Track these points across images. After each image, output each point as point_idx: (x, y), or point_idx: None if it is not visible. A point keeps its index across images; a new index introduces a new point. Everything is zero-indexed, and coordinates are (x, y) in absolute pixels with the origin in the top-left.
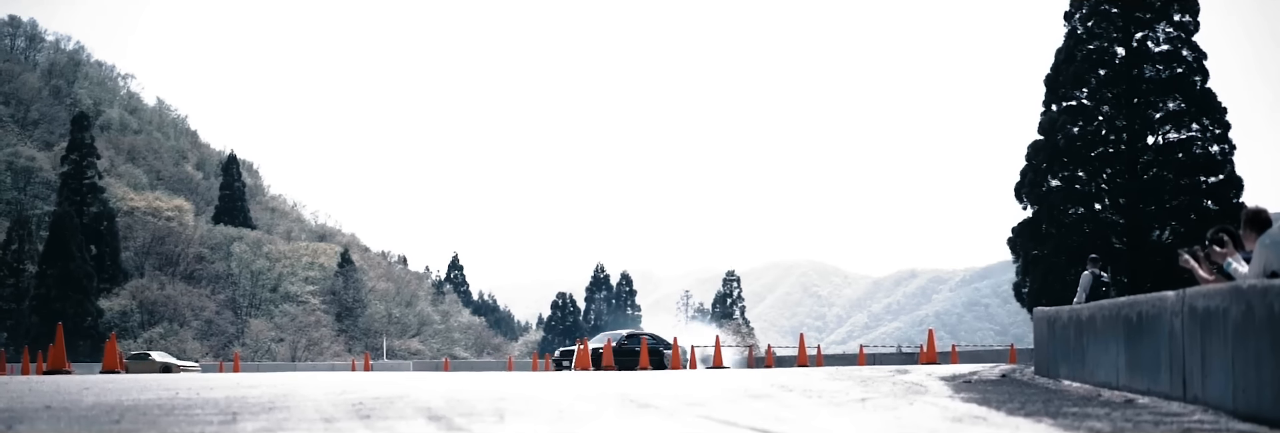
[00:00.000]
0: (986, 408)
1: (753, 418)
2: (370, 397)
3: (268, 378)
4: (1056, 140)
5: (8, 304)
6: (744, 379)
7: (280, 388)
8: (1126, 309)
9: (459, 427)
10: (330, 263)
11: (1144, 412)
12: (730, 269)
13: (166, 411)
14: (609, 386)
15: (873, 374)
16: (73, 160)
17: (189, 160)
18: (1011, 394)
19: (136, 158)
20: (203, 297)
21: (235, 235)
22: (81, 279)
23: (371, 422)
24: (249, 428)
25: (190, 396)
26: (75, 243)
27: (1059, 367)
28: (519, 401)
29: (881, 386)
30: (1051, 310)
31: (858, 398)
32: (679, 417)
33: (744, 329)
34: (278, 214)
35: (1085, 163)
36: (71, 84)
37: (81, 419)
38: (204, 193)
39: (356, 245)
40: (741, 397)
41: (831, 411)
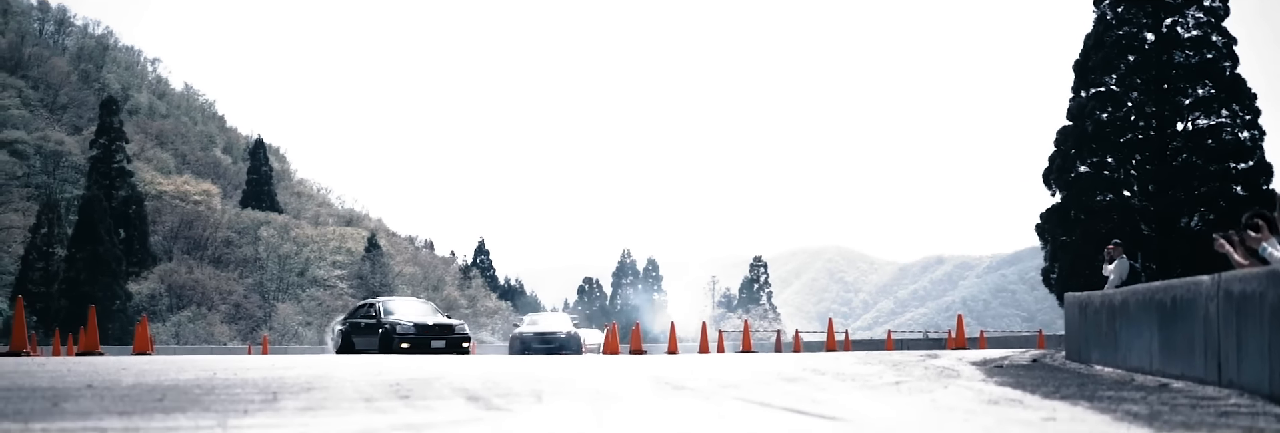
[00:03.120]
0: (1021, 391)
1: (788, 400)
2: (406, 378)
3: (302, 360)
4: (1085, 126)
5: (38, 287)
6: (775, 363)
7: (316, 370)
8: (1160, 294)
9: (499, 407)
10: (357, 247)
11: (1179, 396)
12: (757, 255)
13: (207, 390)
14: (641, 369)
15: (903, 359)
16: (102, 144)
17: (217, 145)
18: (1045, 378)
19: (164, 142)
20: (231, 281)
21: (263, 220)
22: (110, 263)
23: (412, 402)
24: (291, 406)
25: (228, 376)
26: (104, 227)
27: (1091, 352)
28: (555, 382)
29: (913, 370)
30: (1083, 295)
31: (891, 381)
32: (714, 399)
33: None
34: (305, 199)
35: (1114, 149)
36: (100, 69)
37: (124, 398)
38: (231, 177)
39: (383, 230)
40: (775, 380)
41: (866, 393)
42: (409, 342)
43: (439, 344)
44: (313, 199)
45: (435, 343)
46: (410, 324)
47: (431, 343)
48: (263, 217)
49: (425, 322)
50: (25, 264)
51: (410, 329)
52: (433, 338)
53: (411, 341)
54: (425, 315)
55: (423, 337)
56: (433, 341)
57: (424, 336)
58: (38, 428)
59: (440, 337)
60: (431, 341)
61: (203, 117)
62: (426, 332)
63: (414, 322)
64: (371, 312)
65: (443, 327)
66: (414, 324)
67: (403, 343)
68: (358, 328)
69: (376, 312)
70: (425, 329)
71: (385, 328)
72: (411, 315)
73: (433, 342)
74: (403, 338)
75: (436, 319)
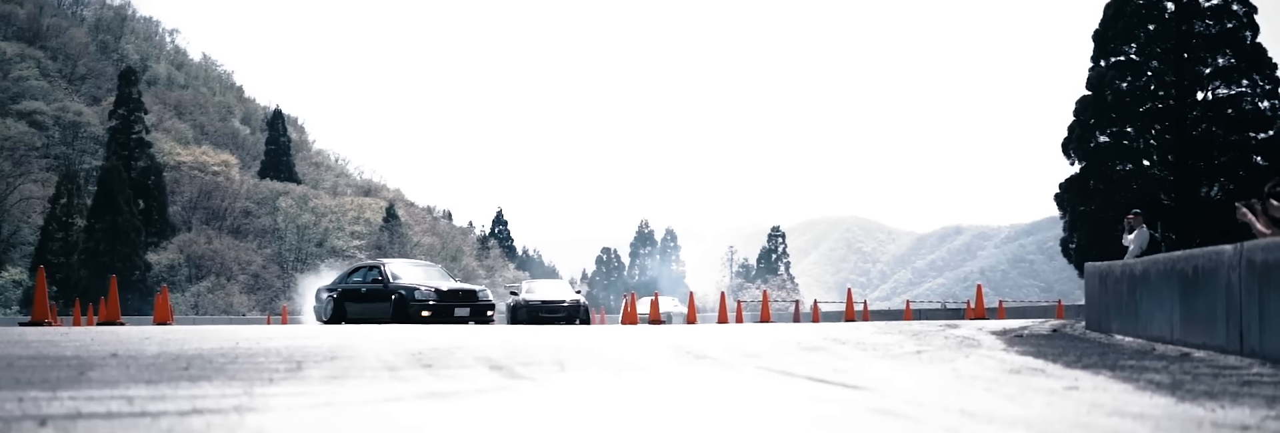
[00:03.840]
0: (1043, 361)
1: (809, 369)
2: (428, 348)
3: (323, 329)
4: (1105, 96)
5: (57, 258)
6: (795, 333)
7: (338, 339)
8: (1182, 263)
9: (521, 375)
10: (376, 218)
11: (1201, 365)
12: (775, 225)
13: (231, 359)
14: (662, 338)
15: (923, 329)
16: (120, 115)
17: (235, 115)
18: (1065, 348)
19: (183, 113)
20: (249, 251)
21: (281, 190)
22: (130, 233)
23: (435, 370)
24: (316, 375)
25: (251, 345)
26: (123, 197)
27: (1111, 321)
28: (576, 352)
29: (934, 339)
30: (1103, 265)
31: (912, 351)
32: (736, 368)
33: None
34: (323, 169)
35: (1134, 119)
36: (118, 39)
37: (150, 367)
38: (249, 148)
39: (401, 200)
40: (795, 349)
41: (888, 363)
42: (429, 309)
43: (462, 312)
44: (331, 170)
45: (459, 311)
46: (430, 290)
47: (454, 311)
48: (281, 187)
49: (443, 287)
50: (45, 235)
51: (430, 295)
52: (456, 305)
53: (432, 308)
54: (437, 279)
55: (445, 304)
56: (456, 308)
57: (446, 302)
58: (66, 396)
59: (464, 304)
60: (454, 308)
61: (221, 87)
62: (449, 298)
63: (434, 287)
64: (376, 276)
65: (466, 293)
66: (435, 290)
67: (422, 311)
68: (357, 294)
69: (383, 276)
70: (447, 295)
71: (399, 294)
72: (425, 280)
73: (456, 309)
74: (422, 305)
75: (452, 284)
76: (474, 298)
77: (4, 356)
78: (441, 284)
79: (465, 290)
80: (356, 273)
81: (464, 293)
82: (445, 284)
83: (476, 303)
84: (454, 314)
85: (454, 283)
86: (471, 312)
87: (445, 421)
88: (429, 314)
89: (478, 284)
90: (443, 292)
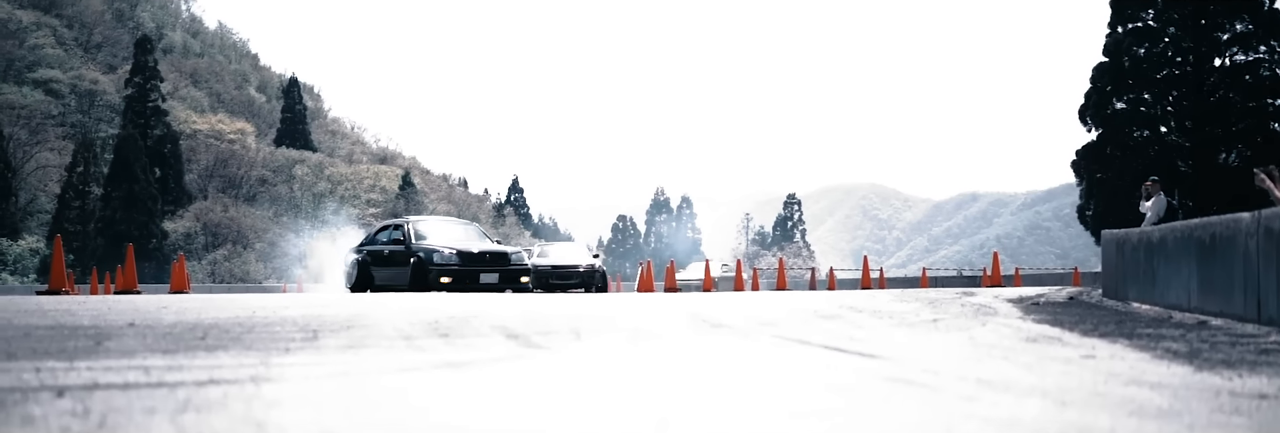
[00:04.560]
0: (1060, 329)
1: (826, 338)
2: (445, 316)
3: (342, 298)
4: (1122, 62)
5: (74, 226)
6: (812, 301)
7: (354, 308)
8: (1199, 231)
9: (538, 345)
10: (391, 186)
11: (1219, 333)
12: (791, 192)
13: (248, 328)
14: (678, 306)
15: (939, 296)
16: (136, 83)
17: (251, 83)
18: (1082, 316)
19: (199, 81)
20: (265, 219)
21: (297, 158)
22: (146, 201)
23: (451, 340)
24: (332, 345)
25: (268, 314)
26: (139, 165)
27: (1128, 289)
28: (593, 320)
29: (950, 307)
30: (1120, 233)
31: (929, 319)
32: (753, 336)
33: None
34: (339, 137)
35: (1151, 85)
36: (134, 7)
37: (166, 336)
38: (265, 116)
39: (417, 168)
40: (812, 317)
41: (904, 331)
42: (450, 275)
43: (490, 278)
44: (347, 138)
45: (485, 277)
46: (450, 252)
47: (480, 276)
48: (297, 155)
49: (470, 248)
50: (62, 203)
51: (451, 259)
52: (482, 270)
53: (453, 273)
54: (468, 240)
55: (469, 268)
56: (482, 273)
57: (471, 266)
58: (83, 366)
59: (491, 268)
60: (480, 273)
61: (237, 55)
62: (473, 261)
63: (456, 249)
64: (398, 236)
65: (494, 255)
66: (456, 252)
67: (442, 276)
68: (380, 257)
69: (405, 236)
70: (471, 258)
71: (417, 257)
72: (450, 240)
73: (482, 275)
74: (442, 270)
75: (484, 245)
76: (504, 261)
77: (21, 325)
78: (468, 245)
79: (494, 253)
80: (383, 232)
81: (492, 256)
82: (474, 245)
83: (508, 267)
84: (480, 280)
85: (485, 244)
86: (502, 277)
87: (461, 390)
88: (449, 281)
89: (512, 246)
90: (467, 254)
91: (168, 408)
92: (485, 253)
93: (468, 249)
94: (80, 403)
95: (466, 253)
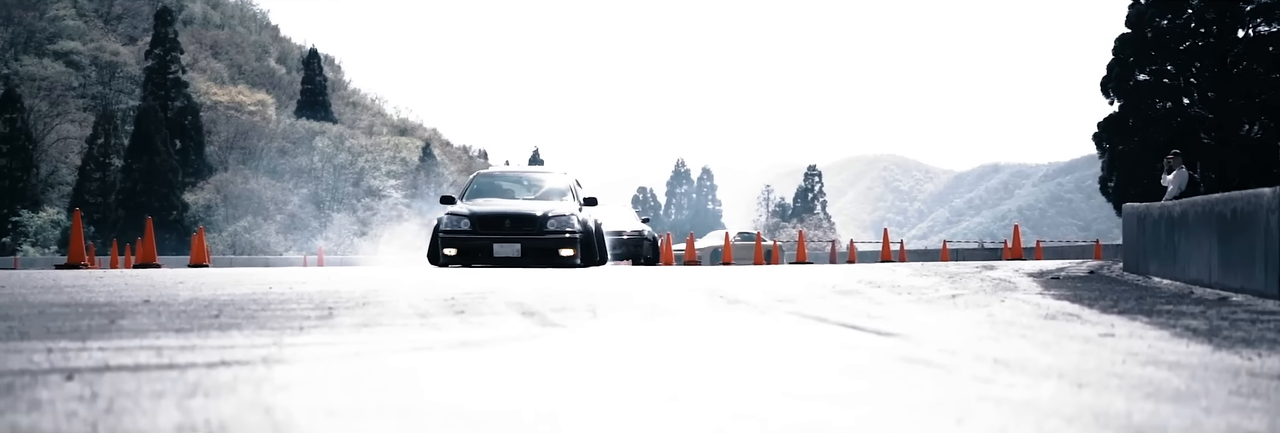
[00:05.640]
0: (1079, 306)
1: (842, 315)
2: (461, 292)
3: (356, 273)
4: (1145, 33)
5: (95, 198)
6: (831, 275)
7: (370, 283)
8: (1220, 206)
9: (553, 322)
10: (412, 157)
11: (1239, 310)
12: (811, 164)
13: (263, 305)
14: (697, 281)
15: (959, 270)
16: (156, 55)
17: (271, 55)
18: (1102, 291)
19: (219, 53)
20: (286, 191)
21: (317, 130)
22: (166, 173)
23: (466, 317)
24: (347, 323)
25: (284, 290)
26: (160, 137)
27: (1149, 263)
28: (609, 297)
29: (970, 282)
30: (1141, 207)
31: (947, 295)
32: (770, 313)
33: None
34: (359, 109)
35: (1174, 57)
36: None
37: (181, 314)
38: (286, 87)
39: (437, 140)
40: (830, 293)
41: (923, 308)
42: (456, 245)
43: (508, 250)
44: (367, 109)
45: (502, 248)
46: (460, 216)
47: (494, 248)
48: (317, 127)
49: (490, 208)
50: (82, 175)
51: (459, 225)
52: (496, 239)
53: (461, 243)
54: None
55: (480, 237)
56: (496, 243)
57: (484, 234)
58: (95, 347)
59: (511, 237)
60: (494, 243)
61: (256, 26)
62: (490, 227)
63: (487, 210)
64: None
65: (518, 219)
66: (469, 214)
67: (447, 247)
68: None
69: (467, 190)
70: (487, 222)
71: (438, 222)
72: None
73: (496, 246)
74: (449, 238)
75: (509, 205)
76: (532, 227)
77: (37, 303)
78: (509, 206)
79: (517, 215)
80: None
81: (514, 220)
82: (518, 206)
83: (539, 235)
84: (494, 254)
85: (520, 203)
86: (527, 250)
87: (473, 371)
88: (455, 253)
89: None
90: (482, 217)
91: (176, 392)
92: (505, 215)
93: (485, 210)
94: (89, 387)
95: (487, 215)
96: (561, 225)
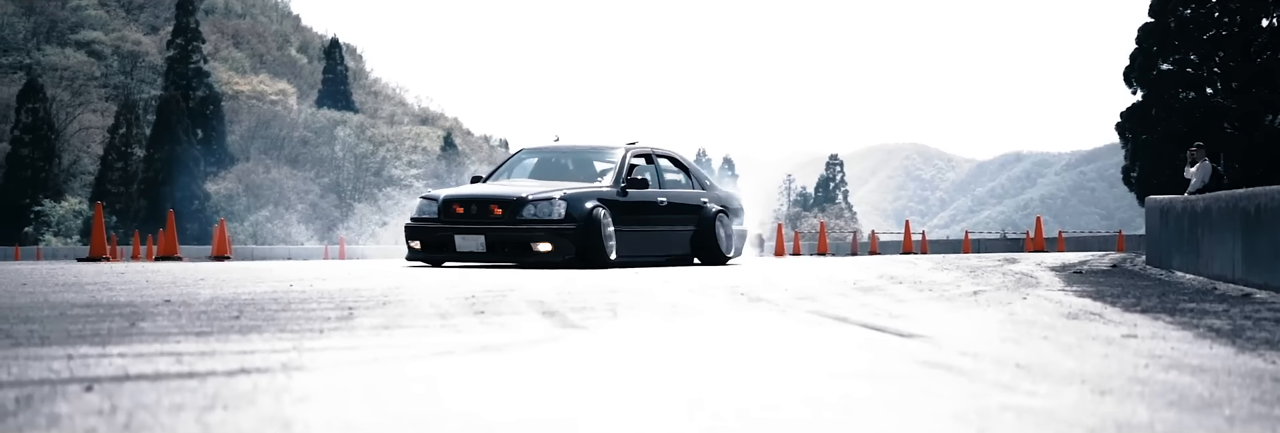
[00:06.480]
0: (1101, 303)
1: (864, 313)
2: (481, 290)
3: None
4: (1168, 23)
5: (117, 187)
6: (852, 269)
7: (391, 280)
8: (1244, 201)
9: (573, 323)
10: (433, 147)
11: (1263, 308)
12: (833, 153)
13: (283, 305)
14: (719, 278)
15: (981, 264)
16: (178, 45)
17: (292, 44)
18: (1125, 287)
19: (240, 42)
20: (307, 180)
21: (339, 119)
22: (188, 163)
23: (486, 317)
24: (366, 324)
25: (304, 288)
26: (182, 127)
27: (1172, 258)
28: (630, 294)
29: (991, 277)
30: (1164, 200)
31: (969, 291)
32: (790, 312)
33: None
34: (380, 98)
35: (1197, 46)
36: None
37: (201, 315)
38: (307, 77)
39: (459, 129)
40: (851, 290)
41: (944, 306)
42: (422, 237)
43: (471, 244)
44: (388, 99)
45: (465, 241)
46: (434, 200)
47: (456, 241)
48: (338, 116)
49: (472, 193)
50: (104, 164)
51: (427, 213)
52: (460, 229)
53: (426, 234)
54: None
55: (445, 228)
56: (458, 234)
57: (450, 222)
58: (115, 353)
59: (477, 227)
60: (455, 235)
61: (278, 16)
62: (457, 214)
63: (458, 194)
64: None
65: (488, 203)
66: (448, 199)
67: (413, 239)
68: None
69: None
70: (456, 210)
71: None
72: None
73: (458, 238)
74: (415, 229)
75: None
76: (503, 214)
77: (58, 303)
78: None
79: (486, 199)
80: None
81: (481, 206)
82: (489, 188)
83: (510, 225)
84: (457, 248)
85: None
86: (490, 244)
87: (493, 378)
88: (419, 246)
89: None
90: (449, 202)
91: (196, 405)
92: (472, 200)
93: (457, 194)
94: (108, 399)
95: (448, 200)
96: (540, 213)
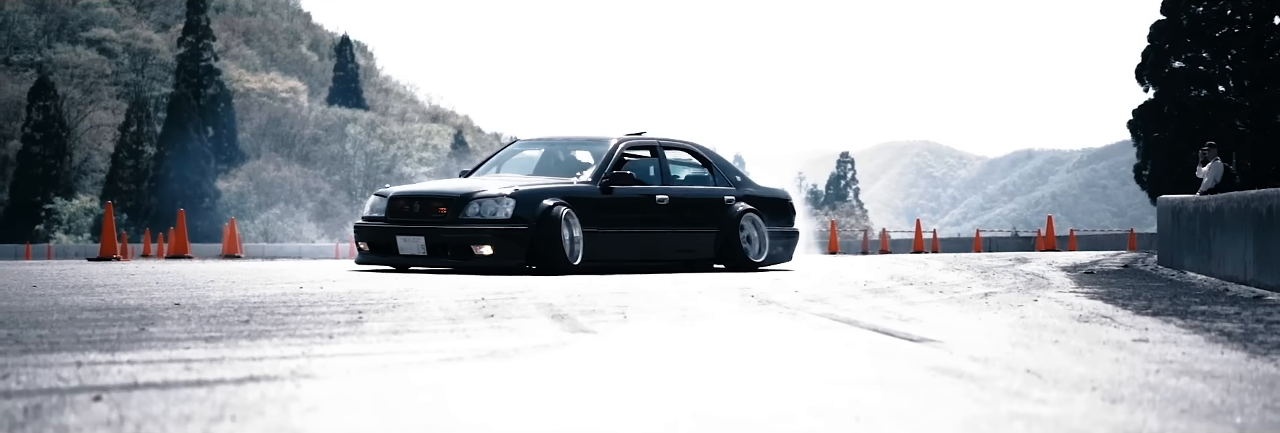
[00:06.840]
0: (1112, 306)
1: (874, 316)
2: (491, 292)
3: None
4: (1180, 20)
5: (128, 185)
6: (863, 270)
7: (401, 283)
8: (1256, 203)
9: (583, 328)
10: (444, 144)
11: (1275, 311)
12: (844, 150)
13: (293, 308)
14: (729, 278)
15: (992, 264)
16: (189, 42)
17: (303, 42)
18: (1136, 289)
19: (251, 40)
20: (318, 178)
21: (349, 117)
22: (199, 161)
23: (496, 321)
24: (376, 329)
25: (314, 291)
26: (193, 124)
27: (1183, 258)
28: (640, 297)
29: (1002, 278)
30: (1176, 200)
31: (980, 293)
32: (800, 316)
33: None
34: (391, 96)
35: (1209, 44)
36: None
37: (211, 319)
38: (318, 75)
39: (470, 127)
40: (862, 292)
41: (955, 308)
42: (368, 238)
43: (412, 246)
44: (399, 96)
45: (406, 243)
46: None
47: (397, 242)
48: (349, 114)
49: (417, 190)
50: (115, 162)
51: (376, 211)
52: (402, 229)
53: (371, 235)
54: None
55: (387, 228)
56: (399, 235)
57: (393, 223)
58: (124, 360)
59: (418, 227)
60: (396, 236)
61: (289, 13)
62: (401, 213)
63: (404, 191)
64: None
65: (437, 200)
66: (394, 196)
67: (361, 240)
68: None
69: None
70: (401, 208)
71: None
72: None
73: (399, 239)
74: (362, 229)
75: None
76: (446, 214)
77: (68, 307)
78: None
79: (429, 196)
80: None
81: (424, 204)
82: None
83: (452, 225)
84: (399, 250)
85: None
86: (430, 246)
87: (503, 385)
88: (367, 247)
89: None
90: (394, 200)
91: (204, 415)
92: (415, 198)
93: (404, 191)
94: (117, 409)
95: (393, 198)
96: (484, 212)
